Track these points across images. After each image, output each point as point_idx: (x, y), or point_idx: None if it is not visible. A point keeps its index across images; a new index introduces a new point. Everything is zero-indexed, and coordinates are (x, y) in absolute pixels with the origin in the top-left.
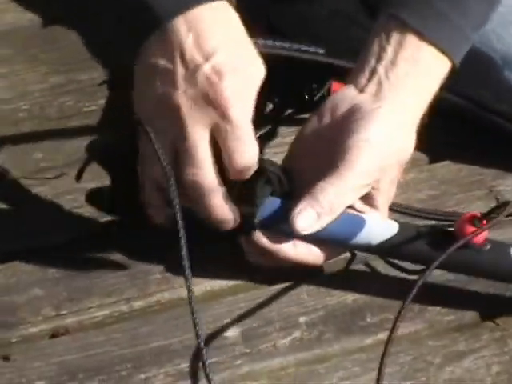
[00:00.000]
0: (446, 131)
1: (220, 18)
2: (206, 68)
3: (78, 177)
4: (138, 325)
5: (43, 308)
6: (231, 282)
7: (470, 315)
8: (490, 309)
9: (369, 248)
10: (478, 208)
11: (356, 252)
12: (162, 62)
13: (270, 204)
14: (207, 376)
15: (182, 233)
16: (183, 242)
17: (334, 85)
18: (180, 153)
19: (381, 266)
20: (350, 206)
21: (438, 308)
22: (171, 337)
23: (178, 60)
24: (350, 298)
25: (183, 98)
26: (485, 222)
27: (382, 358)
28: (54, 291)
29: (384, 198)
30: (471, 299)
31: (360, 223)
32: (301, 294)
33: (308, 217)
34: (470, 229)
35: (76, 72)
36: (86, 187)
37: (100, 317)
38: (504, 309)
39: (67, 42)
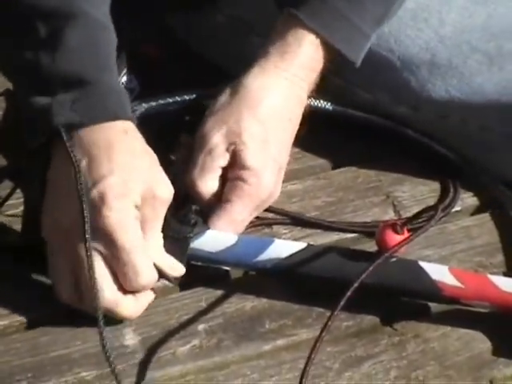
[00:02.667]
0: (345, 138)
1: (118, 141)
2: (93, 194)
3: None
4: (37, 334)
5: None
6: None
7: (368, 320)
8: (389, 314)
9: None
10: (375, 214)
11: None
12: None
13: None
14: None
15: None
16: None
17: None
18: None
19: None
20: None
21: (337, 313)
22: (71, 346)
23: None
24: (249, 304)
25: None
26: (405, 229)
27: (305, 368)
28: None
29: (253, 157)
30: (369, 304)
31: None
32: (199, 302)
33: None
34: (393, 237)
35: None
36: None
37: (0, 327)
38: (402, 314)
39: None
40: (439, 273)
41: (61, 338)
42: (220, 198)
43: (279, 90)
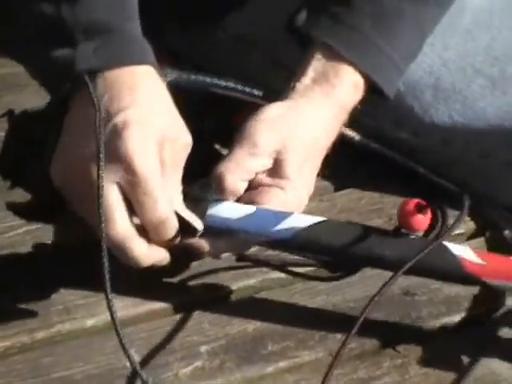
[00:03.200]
0: (348, 160)
1: (140, 82)
2: (115, 121)
3: None
4: (39, 355)
5: None
6: (131, 312)
7: (370, 343)
8: (391, 336)
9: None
10: None
11: None
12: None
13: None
14: None
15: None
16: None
17: (235, 118)
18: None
19: (283, 295)
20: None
21: (339, 336)
22: (73, 367)
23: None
24: (251, 326)
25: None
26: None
27: None
28: None
29: (294, 171)
30: (372, 326)
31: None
32: (202, 324)
33: None
34: (417, 216)
35: None
36: None
37: (1, 348)
38: (404, 336)
39: None
40: (461, 250)
41: (63, 359)
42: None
43: (325, 120)
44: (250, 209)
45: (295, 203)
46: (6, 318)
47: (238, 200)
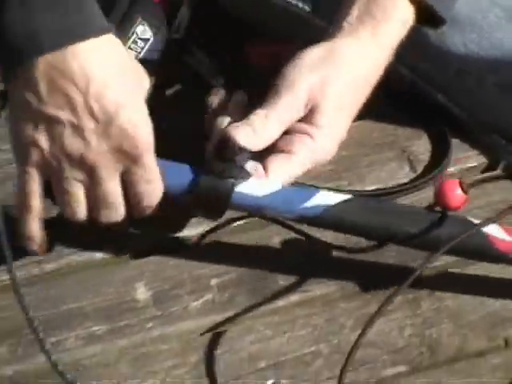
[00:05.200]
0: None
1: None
2: (120, 119)
3: None
4: (48, 288)
5: None
6: (140, 245)
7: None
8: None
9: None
10: (391, 169)
11: None
12: (64, 115)
13: None
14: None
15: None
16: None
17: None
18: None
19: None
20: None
21: (350, 271)
22: (82, 299)
23: (84, 114)
24: (263, 261)
25: (95, 150)
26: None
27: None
28: None
29: (327, 119)
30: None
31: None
32: (212, 257)
33: (244, 130)
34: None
35: None
36: None
37: (8, 280)
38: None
39: None
40: (490, 228)
41: (71, 292)
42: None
43: (372, 60)
44: (277, 185)
45: (323, 153)
46: (16, 250)
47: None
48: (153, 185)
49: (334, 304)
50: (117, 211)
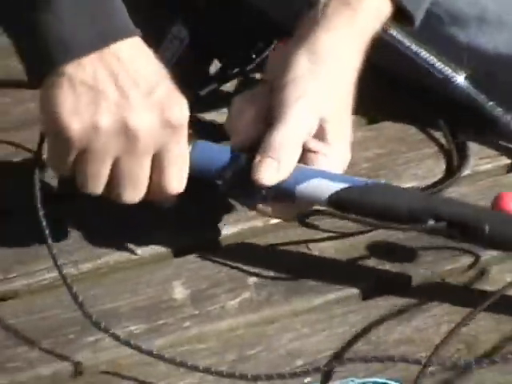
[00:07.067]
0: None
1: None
2: (161, 89)
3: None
4: (86, 287)
5: None
6: (179, 244)
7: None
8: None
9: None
10: (428, 167)
11: None
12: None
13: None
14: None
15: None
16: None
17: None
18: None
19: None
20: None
21: (388, 266)
22: (119, 299)
23: (128, 83)
24: (299, 259)
25: (139, 118)
26: None
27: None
28: (1, 254)
29: (335, 134)
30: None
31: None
32: (250, 255)
33: (269, 166)
34: None
35: None
36: None
37: (48, 279)
38: None
39: None
40: None
41: (109, 292)
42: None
43: (354, 56)
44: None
45: (339, 165)
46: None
47: None
48: (184, 169)
49: (371, 302)
50: (139, 191)
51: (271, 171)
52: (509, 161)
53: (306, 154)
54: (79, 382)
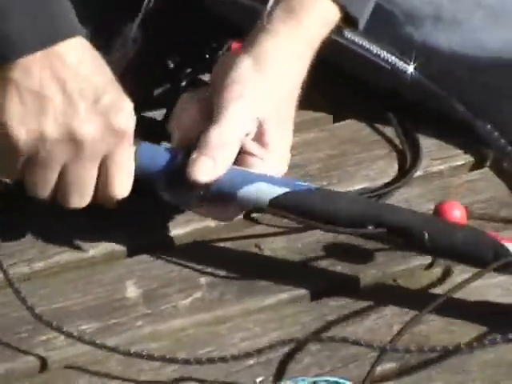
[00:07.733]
0: (349, 90)
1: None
2: (107, 98)
3: None
4: (38, 286)
5: None
6: (131, 244)
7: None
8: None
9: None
10: (380, 167)
11: None
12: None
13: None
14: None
15: None
16: None
17: (234, 44)
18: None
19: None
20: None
21: (339, 267)
22: (72, 298)
23: (75, 93)
24: (251, 259)
25: (86, 124)
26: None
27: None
28: None
29: (274, 138)
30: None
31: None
32: (201, 255)
33: (203, 164)
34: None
35: None
36: None
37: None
38: None
39: None
40: None
41: (61, 291)
42: None
43: (297, 62)
44: None
45: (278, 167)
46: (6, 249)
47: None
48: (128, 174)
49: (323, 302)
50: (86, 196)
51: (205, 169)
52: (461, 162)
53: (245, 157)
54: (34, 381)
